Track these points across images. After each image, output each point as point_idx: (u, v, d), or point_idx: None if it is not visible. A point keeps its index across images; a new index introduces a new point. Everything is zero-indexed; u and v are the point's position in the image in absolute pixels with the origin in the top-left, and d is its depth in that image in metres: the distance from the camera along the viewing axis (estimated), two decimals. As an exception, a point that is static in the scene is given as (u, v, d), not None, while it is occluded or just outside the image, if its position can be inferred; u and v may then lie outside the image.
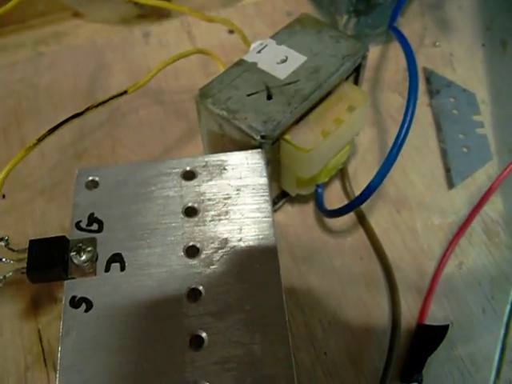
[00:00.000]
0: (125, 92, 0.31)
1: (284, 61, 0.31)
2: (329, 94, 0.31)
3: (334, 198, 0.35)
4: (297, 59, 0.31)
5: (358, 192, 0.30)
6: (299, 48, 0.31)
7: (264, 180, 0.26)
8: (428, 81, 0.39)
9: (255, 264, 0.23)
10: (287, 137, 0.29)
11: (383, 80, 0.39)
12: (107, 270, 0.23)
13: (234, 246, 0.24)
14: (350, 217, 0.34)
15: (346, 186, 0.35)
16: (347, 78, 0.32)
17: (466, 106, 0.38)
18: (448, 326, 0.30)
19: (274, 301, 0.22)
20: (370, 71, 0.39)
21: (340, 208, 0.30)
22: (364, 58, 0.31)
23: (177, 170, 0.26)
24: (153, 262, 0.23)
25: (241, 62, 0.31)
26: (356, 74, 0.32)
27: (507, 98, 0.39)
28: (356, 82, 0.33)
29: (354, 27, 0.39)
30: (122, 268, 0.23)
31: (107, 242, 0.24)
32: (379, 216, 0.34)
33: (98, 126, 0.38)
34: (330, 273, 0.32)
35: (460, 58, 0.41)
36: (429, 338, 0.30)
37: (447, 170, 0.36)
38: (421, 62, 0.40)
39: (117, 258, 0.23)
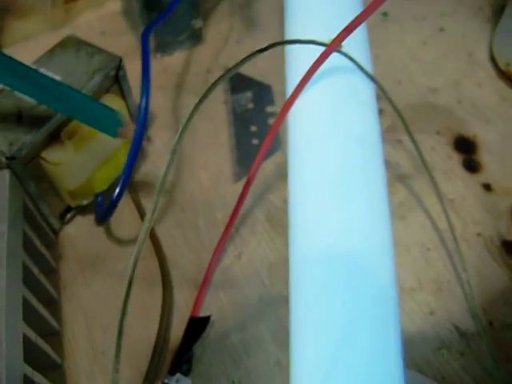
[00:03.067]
0: None
1: (39, 84, 0.32)
2: (83, 108, 0.32)
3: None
4: (51, 81, 0.32)
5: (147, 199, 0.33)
6: (55, 69, 0.33)
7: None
8: (228, 79, 0.41)
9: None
10: (42, 154, 0.31)
11: (184, 84, 0.40)
12: None
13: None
14: (138, 223, 0.35)
15: (133, 195, 0.36)
16: (108, 91, 0.34)
17: (261, 98, 0.39)
18: (209, 317, 0.31)
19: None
20: (172, 77, 0.40)
21: (99, 215, 0.32)
22: (119, 69, 0.33)
23: None
24: None
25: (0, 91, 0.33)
26: (118, 85, 0.34)
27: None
28: (121, 92, 0.34)
29: (155, 37, 0.41)
30: None
31: None
32: (164, 217, 0.35)
33: None
34: (112, 276, 0.33)
35: (262, 54, 0.42)
36: (193, 329, 0.31)
37: (235, 164, 0.37)
38: (223, 60, 0.41)
39: None
